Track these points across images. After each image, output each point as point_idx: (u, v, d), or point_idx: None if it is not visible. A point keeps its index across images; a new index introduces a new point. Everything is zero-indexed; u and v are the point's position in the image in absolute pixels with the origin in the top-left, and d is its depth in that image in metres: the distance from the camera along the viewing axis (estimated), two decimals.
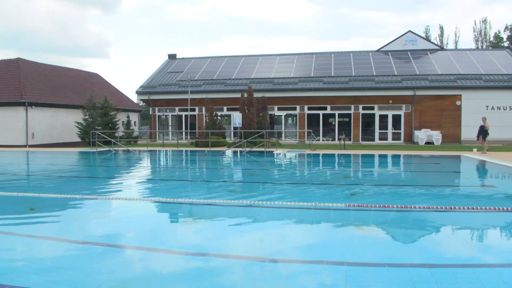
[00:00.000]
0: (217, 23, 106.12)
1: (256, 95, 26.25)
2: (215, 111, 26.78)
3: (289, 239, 5.76)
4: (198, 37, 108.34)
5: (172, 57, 38.47)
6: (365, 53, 34.71)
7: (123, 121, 32.10)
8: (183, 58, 38.08)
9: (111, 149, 23.13)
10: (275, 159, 18.09)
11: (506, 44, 48.30)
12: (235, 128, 26.84)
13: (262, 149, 21.64)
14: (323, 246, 5.40)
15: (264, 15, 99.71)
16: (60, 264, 4.61)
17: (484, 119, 20.32)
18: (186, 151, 22.90)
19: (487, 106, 28.06)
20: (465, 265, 4.59)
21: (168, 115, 33.51)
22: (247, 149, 21.82)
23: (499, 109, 27.73)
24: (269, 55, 36.82)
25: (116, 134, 27.83)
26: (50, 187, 10.61)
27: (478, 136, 20.13)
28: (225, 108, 30.98)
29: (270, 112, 29.18)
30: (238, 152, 21.37)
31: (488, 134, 19.85)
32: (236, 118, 25.03)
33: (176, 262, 4.76)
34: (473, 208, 7.49)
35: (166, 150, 23.46)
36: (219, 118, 28.32)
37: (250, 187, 10.63)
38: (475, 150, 21.17)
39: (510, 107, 27.88)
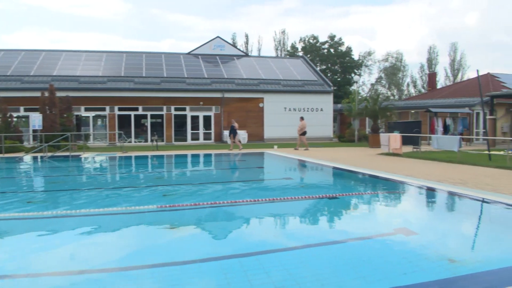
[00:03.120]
0: (12, 12, 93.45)
1: (59, 94, 23.95)
2: (9, 111, 23.46)
3: (100, 248, 5.37)
4: None
5: None
6: (176, 55, 35.10)
7: None
8: None
9: None
10: (81, 164, 16.82)
11: (301, 53, 54.78)
12: (34, 131, 23.98)
13: (67, 153, 19.88)
14: (136, 251, 5.18)
15: (67, 7, 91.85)
16: None
17: (233, 121, 23.04)
18: None
19: (285, 108, 31.44)
20: (269, 251, 4.97)
21: None
22: (49, 153, 19.76)
23: (295, 110, 31.34)
24: (74, 51, 34.11)
25: None
26: None
27: (229, 135, 22.89)
28: (21, 108, 27.44)
29: (76, 113, 26.99)
30: (39, 157, 19.18)
31: (237, 133, 22.79)
32: (36, 119, 22.36)
33: None
34: (273, 199, 8.22)
35: None
36: (14, 119, 24.95)
37: (52, 196, 9.58)
38: (275, 147, 23.45)
39: (303, 108, 31.76)
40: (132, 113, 29.16)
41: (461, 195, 8.34)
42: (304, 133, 21.70)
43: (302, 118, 22.36)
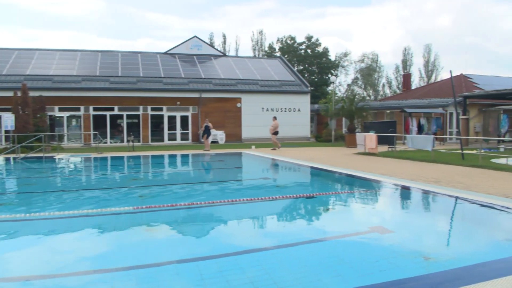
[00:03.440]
0: None
1: (32, 94, 23.41)
2: None
3: (74, 250, 5.25)
4: None
5: None
6: (153, 54, 34.74)
7: None
8: None
9: None
10: (55, 165, 16.46)
11: (278, 54, 54.94)
12: (6, 131, 23.36)
13: (41, 155, 19.44)
14: (112, 253, 5.10)
15: (40, 5, 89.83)
16: None
17: (207, 120, 22.98)
18: None
19: (262, 108, 31.48)
20: (247, 251, 4.95)
21: None
22: (22, 155, 19.28)
23: (273, 110, 31.41)
24: (48, 50, 33.37)
25: None
26: None
27: (203, 135, 22.58)
28: None
29: (49, 113, 26.42)
30: (11, 159, 18.70)
31: (211, 133, 22.67)
32: (8, 120, 21.76)
33: None
34: (251, 199, 8.22)
35: None
36: None
37: (25, 198, 9.33)
38: (253, 147, 23.47)
39: (281, 109, 31.89)
40: (108, 113, 28.72)
41: (435, 193, 8.51)
42: (276, 133, 21.89)
43: (275, 118, 22.56)
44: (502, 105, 27.84)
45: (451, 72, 16.01)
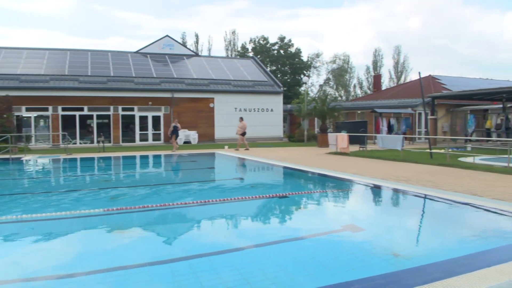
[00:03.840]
0: None
1: None
2: None
3: (43, 254, 5.11)
4: None
5: None
6: (124, 53, 34.19)
7: None
8: None
9: None
10: (23, 167, 15.99)
11: (251, 54, 54.96)
12: None
13: (7, 156, 18.86)
14: (83, 257, 4.99)
15: (8, 2, 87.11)
16: None
17: (176, 121, 22.93)
18: None
19: (235, 108, 31.45)
20: (220, 252, 4.93)
21: None
22: None
23: (246, 110, 31.44)
24: (15, 48, 32.36)
25: None
26: None
27: (171, 135, 22.35)
28: None
29: (16, 113, 25.64)
30: None
31: (178, 134, 22.65)
32: None
33: None
34: (224, 200, 8.19)
35: None
36: None
37: None
38: (226, 147, 23.43)
39: (254, 109, 31.94)
40: (77, 113, 28.08)
41: (405, 192, 8.69)
42: (243, 134, 22.00)
43: (241, 119, 22.62)
44: (469, 106, 28.72)
45: (419, 73, 16.37)
